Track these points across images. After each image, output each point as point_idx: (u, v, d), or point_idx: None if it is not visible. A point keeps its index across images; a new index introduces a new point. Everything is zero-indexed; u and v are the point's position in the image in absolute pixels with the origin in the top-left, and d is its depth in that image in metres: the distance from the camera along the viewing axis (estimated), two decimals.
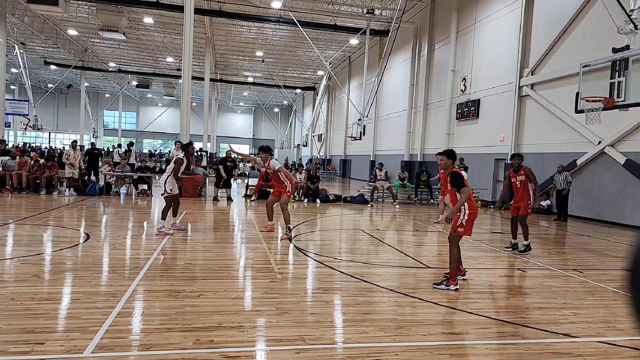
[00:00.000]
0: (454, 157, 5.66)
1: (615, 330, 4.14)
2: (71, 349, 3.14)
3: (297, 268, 6.14)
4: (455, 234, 5.37)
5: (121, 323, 3.68)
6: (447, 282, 5.23)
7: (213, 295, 4.56)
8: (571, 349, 3.60)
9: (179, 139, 15.73)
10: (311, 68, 40.11)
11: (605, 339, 3.86)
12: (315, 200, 15.46)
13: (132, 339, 3.41)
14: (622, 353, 3.59)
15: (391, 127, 27.94)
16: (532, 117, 15.63)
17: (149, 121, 60.46)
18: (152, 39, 32.74)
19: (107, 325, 3.59)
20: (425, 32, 23.61)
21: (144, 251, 6.65)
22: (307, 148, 49.45)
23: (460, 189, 5.28)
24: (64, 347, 3.18)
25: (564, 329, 4.05)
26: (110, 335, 3.40)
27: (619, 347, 3.69)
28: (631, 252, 1.38)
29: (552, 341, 3.77)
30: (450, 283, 5.19)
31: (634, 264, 1.35)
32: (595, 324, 4.26)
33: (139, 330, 3.60)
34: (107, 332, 3.46)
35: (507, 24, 16.99)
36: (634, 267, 1.35)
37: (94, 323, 3.62)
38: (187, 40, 15.21)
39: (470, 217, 5.32)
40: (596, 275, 6.28)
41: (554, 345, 3.68)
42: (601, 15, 12.22)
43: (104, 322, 3.64)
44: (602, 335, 3.95)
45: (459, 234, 5.36)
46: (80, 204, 12.01)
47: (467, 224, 5.32)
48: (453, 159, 5.64)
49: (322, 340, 3.55)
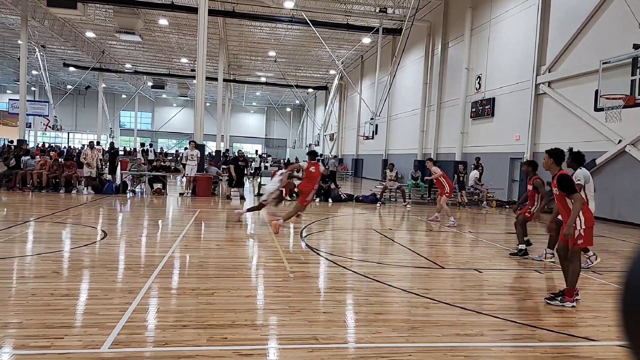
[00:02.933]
0: (559, 158, 4.91)
1: None
2: (89, 344, 3.19)
3: (309, 267, 6.14)
4: (576, 247, 4.68)
5: (137, 319, 3.73)
6: (562, 297, 4.66)
7: (226, 294, 4.59)
8: (591, 353, 3.53)
9: (193, 138, 15.86)
10: (323, 67, 40.10)
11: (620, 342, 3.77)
12: (327, 199, 15.45)
13: (148, 335, 3.45)
14: None
15: (404, 126, 27.77)
16: (549, 116, 15.37)
17: (163, 121, 61.13)
18: (167, 40, 33.11)
19: (123, 321, 3.64)
20: (438, 30, 23.40)
21: (159, 249, 6.72)
22: (319, 147, 49.46)
23: (572, 195, 4.56)
24: (82, 342, 3.23)
25: (582, 332, 3.98)
26: (126, 331, 3.45)
27: None
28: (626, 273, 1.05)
29: (570, 344, 3.70)
30: (566, 299, 4.63)
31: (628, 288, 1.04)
32: (615, 327, 4.17)
33: (154, 326, 3.64)
34: (124, 328, 3.50)
35: (523, 20, 16.74)
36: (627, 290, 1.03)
37: (111, 319, 3.67)
38: (201, 41, 15.34)
39: (587, 225, 4.67)
40: (616, 278, 6.15)
41: (573, 349, 3.62)
42: (621, 10, 11.96)
43: (121, 318, 3.69)
44: (621, 339, 3.86)
45: (579, 247, 4.73)
46: (98, 202, 12.20)
47: (586, 233, 4.68)
48: (558, 159, 4.90)
49: (335, 340, 3.55)
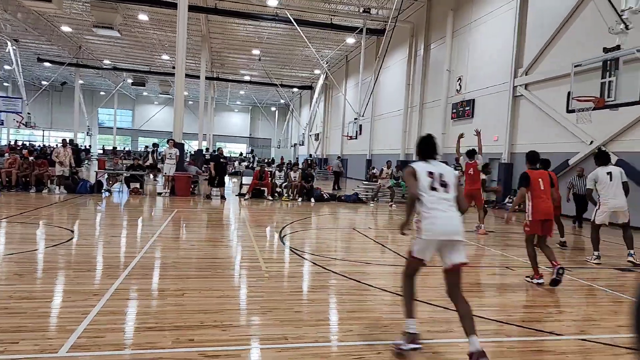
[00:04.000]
0: (528, 158, 5.93)
1: (599, 328, 4.12)
2: (46, 349, 3.09)
3: (286, 267, 6.11)
4: (525, 234, 5.79)
5: (100, 322, 3.63)
6: (532, 276, 5.64)
7: (197, 294, 4.52)
8: (554, 347, 3.58)
9: (173, 137, 15.65)
10: (308, 67, 40.05)
11: (589, 336, 3.84)
12: (309, 199, 15.43)
13: (110, 338, 3.36)
14: (605, 351, 3.57)
15: (387, 127, 27.93)
16: (525, 117, 15.64)
17: (144, 119, 60.23)
18: (147, 36, 32.60)
19: (85, 324, 3.54)
20: (421, 32, 23.59)
21: (131, 249, 6.59)
22: (304, 147, 49.42)
23: (518, 189, 5.70)
24: (38, 346, 3.13)
25: (548, 327, 4.03)
26: (87, 335, 3.36)
27: (602, 345, 3.68)
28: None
29: (535, 339, 3.75)
30: (534, 277, 5.61)
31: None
32: (580, 321, 4.25)
33: (117, 329, 3.55)
34: (85, 332, 3.41)
35: (502, 24, 16.99)
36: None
37: (72, 322, 3.57)
38: (181, 38, 15.14)
39: (534, 217, 5.57)
40: (583, 274, 6.27)
41: (537, 343, 3.67)
42: (593, 16, 12.23)
43: (82, 321, 3.59)
44: (585, 332, 3.93)
45: (526, 233, 5.73)
46: (70, 202, 11.93)
47: (532, 224, 5.61)
48: (528, 159, 5.92)
49: (305, 339, 3.52)
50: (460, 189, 3.58)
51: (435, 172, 3.41)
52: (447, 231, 3.29)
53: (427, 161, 3.52)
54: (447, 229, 3.30)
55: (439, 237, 3.31)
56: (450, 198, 3.40)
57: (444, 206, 3.34)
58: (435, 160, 3.54)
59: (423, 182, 3.37)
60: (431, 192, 3.35)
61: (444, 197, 3.37)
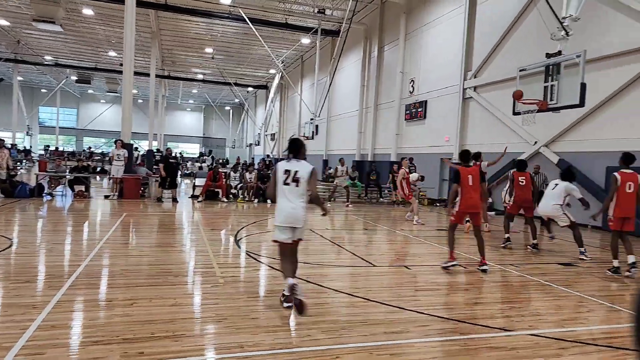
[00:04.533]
0: (461, 156, 6.73)
1: (547, 322, 4.31)
2: None
3: (242, 272, 5.97)
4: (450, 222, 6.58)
5: (40, 337, 3.37)
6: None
7: (148, 303, 4.31)
8: (505, 343, 3.70)
9: (121, 137, 14.98)
10: (263, 66, 39.65)
11: (537, 331, 4.01)
12: (266, 200, 15.26)
13: (51, 354, 3.12)
14: (552, 345, 3.74)
15: (343, 127, 28.16)
16: (475, 119, 16.25)
17: (90, 118, 57.30)
18: (93, 32, 31.03)
19: (23, 340, 3.28)
20: (375, 34, 23.96)
21: (75, 257, 6.21)
22: (260, 147, 48.91)
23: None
24: None
25: (499, 323, 4.17)
26: (26, 352, 3.11)
27: (550, 339, 3.85)
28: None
29: (488, 336, 3.86)
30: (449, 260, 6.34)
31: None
32: (529, 317, 4.43)
33: (60, 344, 3.31)
34: (24, 348, 3.15)
35: (452, 28, 17.55)
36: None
37: (9, 338, 3.29)
38: (128, 34, 14.51)
39: (460, 209, 6.39)
40: (531, 270, 6.57)
41: (489, 340, 3.77)
42: (537, 22, 12.89)
43: (21, 337, 3.32)
44: (534, 327, 4.10)
45: (450, 222, 6.53)
46: (8, 207, 11.12)
47: (457, 214, 6.44)
48: (460, 157, 6.73)
49: (262, 346, 3.44)
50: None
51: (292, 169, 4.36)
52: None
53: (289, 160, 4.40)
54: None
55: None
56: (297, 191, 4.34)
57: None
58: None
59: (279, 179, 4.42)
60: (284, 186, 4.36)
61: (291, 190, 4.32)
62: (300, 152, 4.51)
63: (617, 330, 4.18)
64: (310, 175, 4.39)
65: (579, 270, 6.76)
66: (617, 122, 11.12)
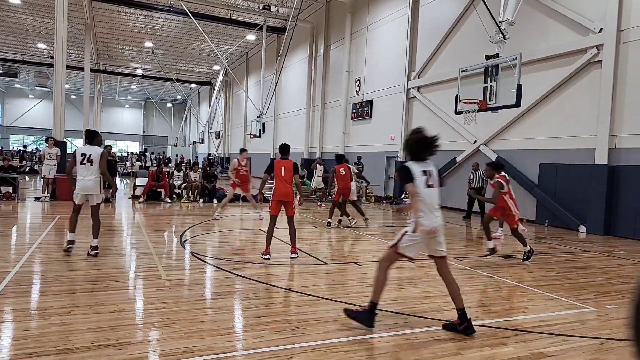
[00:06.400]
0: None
1: (490, 313, 4.51)
2: None
3: (189, 274, 5.75)
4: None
5: None
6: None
7: (87, 310, 4.02)
8: (453, 335, 3.82)
9: (52, 134, 13.97)
10: (207, 62, 38.64)
11: (482, 322, 4.18)
12: (212, 200, 14.85)
13: None
14: (497, 334, 3.91)
15: (291, 125, 28.06)
16: (419, 118, 16.77)
17: (17, 115, 53.05)
18: (19, 22, 28.73)
19: None
20: (321, 32, 24.07)
21: (3, 264, 5.68)
22: (204, 145, 47.64)
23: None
24: None
25: (447, 316, 4.30)
26: None
27: (494, 329, 4.02)
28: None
29: (436, 329, 3.96)
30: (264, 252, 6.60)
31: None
32: (474, 308, 4.60)
33: None
34: None
35: (396, 28, 18.00)
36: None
37: None
38: (59, 25, 13.55)
39: (273, 198, 6.76)
40: (473, 263, 6.87)
41: (440, 332, 3.88)
42: (477, 25, 13.51)
43: None
44: (479, 319, 4.26)
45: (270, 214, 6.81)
46: None
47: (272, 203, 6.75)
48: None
49: (213, 350, 3.31)
50: None
51: None
52: None
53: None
54: None
55: None
56: None
57: None
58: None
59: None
60: None
61: None
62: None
63: (554, 317, 4.45)
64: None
65: (518, 262, 7.16)
66: (549, 121, 11.90)
